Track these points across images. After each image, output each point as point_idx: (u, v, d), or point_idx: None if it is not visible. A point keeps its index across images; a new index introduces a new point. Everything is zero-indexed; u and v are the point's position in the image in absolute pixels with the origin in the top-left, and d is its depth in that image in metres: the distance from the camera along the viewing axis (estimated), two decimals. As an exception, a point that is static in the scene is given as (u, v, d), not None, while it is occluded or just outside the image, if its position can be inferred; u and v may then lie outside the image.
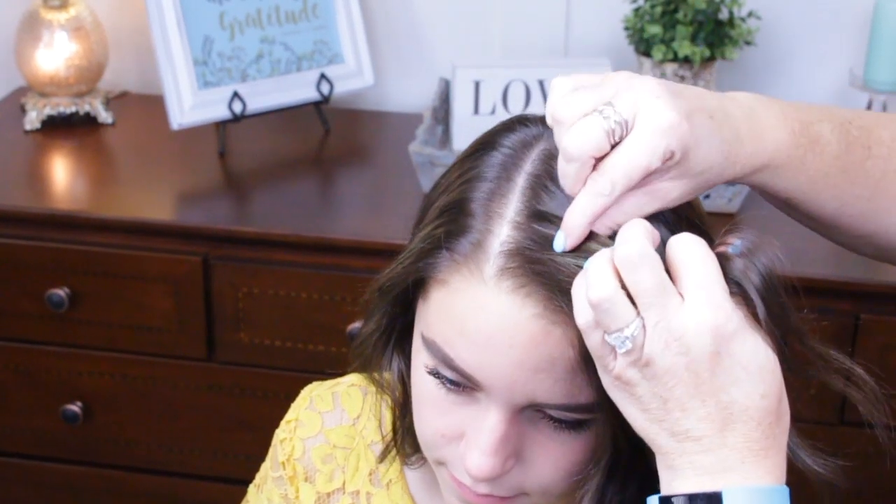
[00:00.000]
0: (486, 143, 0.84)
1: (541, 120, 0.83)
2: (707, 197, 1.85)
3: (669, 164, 0.74)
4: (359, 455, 1.04)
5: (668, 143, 0.73)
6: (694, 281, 0.71)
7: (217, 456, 1.95)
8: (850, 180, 0.85)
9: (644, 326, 0.71)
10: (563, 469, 0.82)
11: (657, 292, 0.71)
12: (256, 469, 1.14)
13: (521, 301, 0.77)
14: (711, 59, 1.98)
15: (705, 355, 0.70)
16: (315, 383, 1.10)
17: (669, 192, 0.76)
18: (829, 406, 1.75)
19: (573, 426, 0.81)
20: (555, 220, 0.77)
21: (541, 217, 0.78)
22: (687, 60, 1.96)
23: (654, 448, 0.74)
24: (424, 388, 0.85)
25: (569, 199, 0.77)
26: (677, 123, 0.73)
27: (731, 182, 0.81)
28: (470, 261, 0.79)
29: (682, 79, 1.98)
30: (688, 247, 0.72)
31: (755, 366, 0.71)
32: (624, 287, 0.71)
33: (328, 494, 1.05)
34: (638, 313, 0.71)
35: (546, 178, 0.79)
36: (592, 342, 0.73)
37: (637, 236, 0.72)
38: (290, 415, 1.08)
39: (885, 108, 1.99)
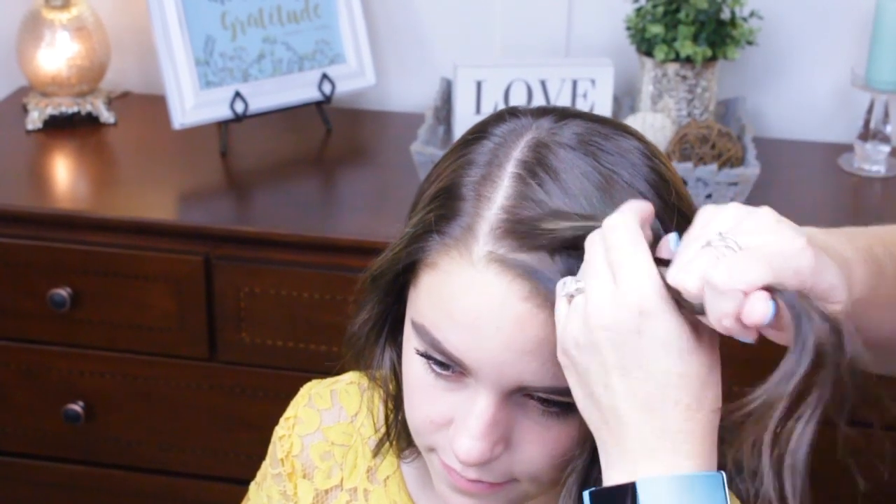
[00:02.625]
0: (476, 133, 0.85)
1: (531, 111, 0.85)
2: (709, 197, 1.85)
3: (802, 288, 0.71)
4: (356, 452, 1.05)
5: (799, 265, 0.69)
6: (620, 258, 0.72)
7: (218, 455, 1.95)
8: None
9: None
10: (552, 455, 0.83)
11: (594, 267, 0.73)
12: (257, 468, 1.14)
13: (507, 283, 0.78)
14: (713, 58, 1.98)
15: (626, 331, 0.71)
16: (314, 381, 1.10)
17: None
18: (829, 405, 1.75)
19: (561, 411, 0.81)
20: (543, 206, 0.78)
21: (530, 202, 0.78)
22: (689, 60, 1.96)
23: (593, 431, 0.75)
24: (415, 374, 0.86)
25: (558, 186, 0.78)
26: (807, 247, 0.70)
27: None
28: (460, 243, 0.80)
29: (684, 78, 1.98)
30: (617, 229, 0.73)
31: (675, 346, 0.71)
32: None
33: (326, 491, 1.06)
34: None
35: (535, 164, 0.80)
36: (557, 306, 0.76)
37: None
38: (289, 412, 1.09)
39: (886, 108, 1.99)
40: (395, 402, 0.96)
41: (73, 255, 1.86)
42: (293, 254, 1.81)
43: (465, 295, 0.79)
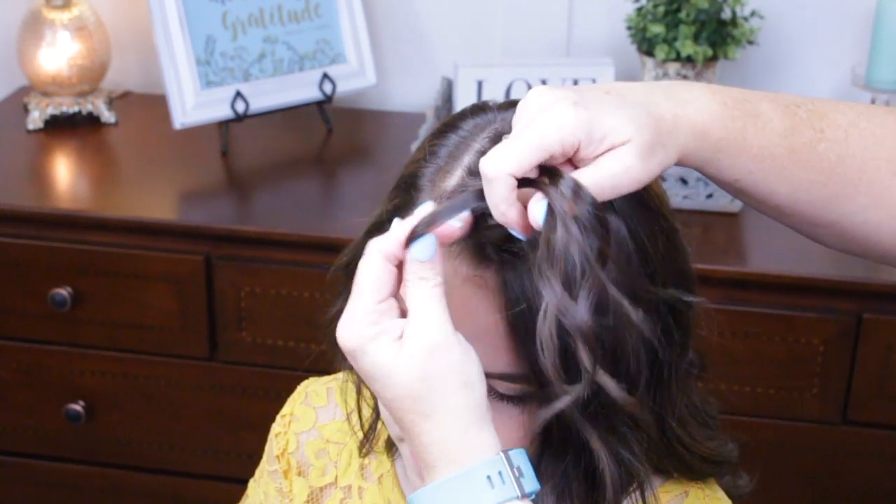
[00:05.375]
0: (445, 126, 0.87)
1: (498, 105, 0.87)
2: (710, 196, 1.85)
3: (574, 145, 0.74)
4: (351, 450, 1.05)
5: (563, 133, 0.73)
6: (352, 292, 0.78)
7: (219, 455, 1.95)
8: (801, 163, 0.83)
9: None
10: (512, 443, 0.83)
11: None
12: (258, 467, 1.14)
13: (454, 268, 0.80)
14: (714, 58, 1.98)
15: (354, 361, 0.78)
16: (311, 379, 1.11)
17: (614, 167, 0.75)
18: (831, 405, 1.75)
19: (516, 398, 0.82)
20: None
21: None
22: (689, 60, 1.96)
23: None
24: None
25: None
26: (569, 110, 0.73)
27: (684, 164, 0.80)
28: None
29: (685, 78, 1.98)
30: (365, 255, 0.78)
31: (379, 376, 0.76)
32: None
33: (321, 489, 1.06)
34: None
35: None
36: None
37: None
38: (286, 409, 1.09)
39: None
40: (376, 398, 0.97)
41: (73, 254, 1.86)
42: (294, 253, 1.81)
43: None
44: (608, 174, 0.74)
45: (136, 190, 1.98)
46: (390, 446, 1.01)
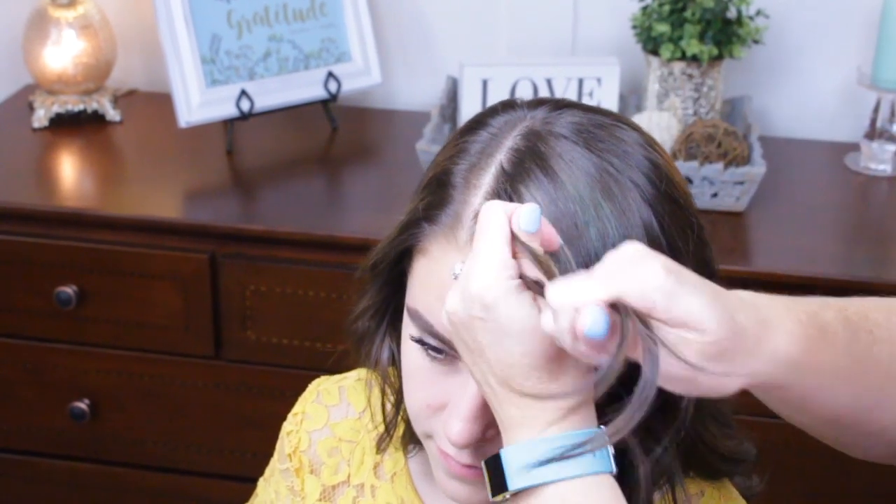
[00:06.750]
0: (474, 124, 0.88)
1: (527, 103, 0.87)
2: (715, 196, 1.85)
3: (650, 310, 0.71)
4: (364, 448, 1.05)
5: (645, 287, 0.69)
6: (476, 248, 0.75)
7: (224, 453, 1.95)
8: (863, 370, 0.81)
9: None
10: None
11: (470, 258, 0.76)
12: (264, 466, 1.14)
13: None
14: (719, 57, 1.98)
15: (469, 318, 0.75)
16: (322, 377, 1.12)
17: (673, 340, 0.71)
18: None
19: None
20: (524, 192, 0.79)
21: (513, 188, 0.80)
22: (695, 59, 1.96)
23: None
24: (411, 359, 0.87)
25: (545, 174, 0.79)
26: (660, 272, 0.70)
27: (749, 385, 0.76)
28: (447, 229, 0.82)
29: (690, 77, 1.98)
30: (485, 213, 0.76)
31: (516, 329, 0.73)
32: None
33: (333, 487, 1.06)
34: None
35: (525, 153, 0.81)
36: None
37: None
38: (297, 408, 1.10)
39: (893, 107, 1.99)
40: (397, 395, 0.98)
41: (79, 253, 1.87)
42: (299, 252, 1.81)
43: (452, 278, 0.80)
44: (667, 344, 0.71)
45: (141, 188, 1.98)
46: (405, 444, 1.01)
